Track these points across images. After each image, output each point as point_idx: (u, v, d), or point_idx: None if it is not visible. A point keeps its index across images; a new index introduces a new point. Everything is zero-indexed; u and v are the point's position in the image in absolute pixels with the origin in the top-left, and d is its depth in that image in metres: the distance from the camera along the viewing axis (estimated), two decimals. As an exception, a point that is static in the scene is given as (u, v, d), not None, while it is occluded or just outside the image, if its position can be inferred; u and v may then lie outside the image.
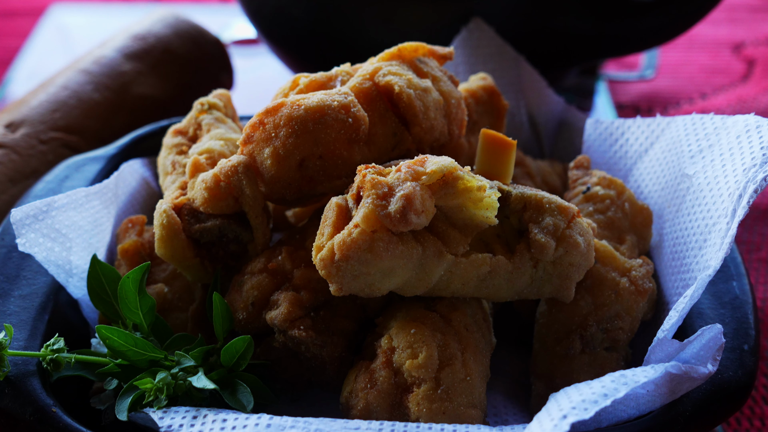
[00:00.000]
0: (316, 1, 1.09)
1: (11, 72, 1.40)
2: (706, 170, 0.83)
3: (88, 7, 1.56)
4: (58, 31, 1.50)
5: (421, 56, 0.88)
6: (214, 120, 0.91)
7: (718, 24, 1.55)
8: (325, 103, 0.80)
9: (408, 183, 0.74)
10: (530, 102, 1.05)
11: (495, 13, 1.06)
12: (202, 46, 1.21)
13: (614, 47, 1.12)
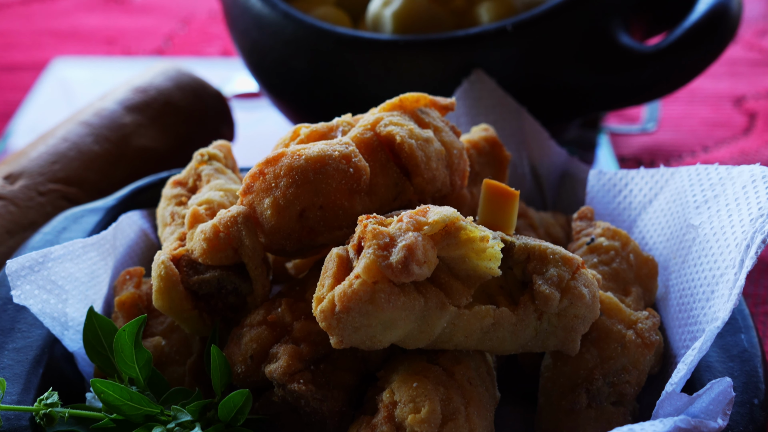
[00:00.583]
0: (316, 53, 1.09)
1: (12, 125, 1.40)
2: (712, 221, 0.82)
3: (90, 61, 1.57)
4: (59, 85, 1.51)
5: (423, 107, 0.87)
6: (213, 171, 0.90)
7: (719, 78, 1.55)
8: (326, 153, 0.79)
9: (410, 233, 0.72)
10: (532, 153, 1.04)
11: (496, 65, 1.06)
12: (204, 99, 1.21)
13: (615, 99, 1.11)
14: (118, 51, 1.63)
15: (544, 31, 1.06)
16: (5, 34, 1.66)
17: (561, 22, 1.07)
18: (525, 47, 1.06)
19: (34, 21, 1.69)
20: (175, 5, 1.75)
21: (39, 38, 1.65)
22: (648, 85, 1.09)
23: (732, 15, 1.07)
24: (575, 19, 1.07)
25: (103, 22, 1.70)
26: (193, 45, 1.65)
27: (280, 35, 1.11)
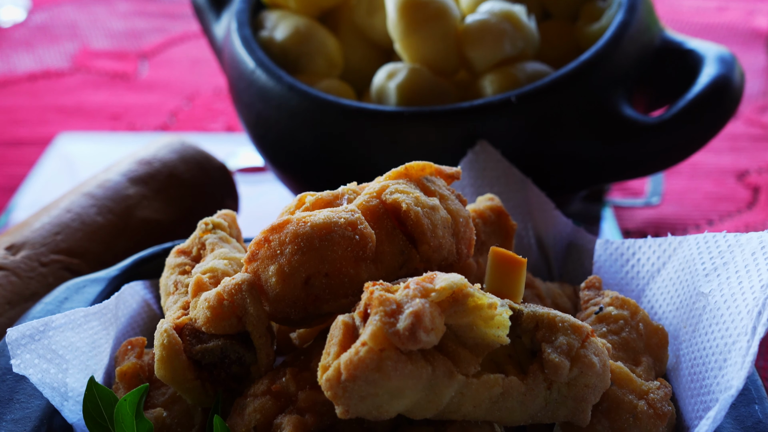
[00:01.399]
0: (322, 125, 1.10)
1: (15, 200, 1.40)
2: (722, 288, 0.81)
3: (95, 137, 1.57)
4: (64, 160, 1.51)
5: (429, 175, 0.87)
6: (218, 240, 0.90)
7: (721, 153, 1.56)
8: (332, 220, 0.78)
9: (417, 300, 0.71)
10: (538, 224, 1.03)
11: (501, 136, 1.06)
12: (208, 172, 1.21)
13: (619, 171, 1.11)
14: (123, 126, 1.64)
15: (548, 103, 1.07)
16: (12, 110, 1.67)
17: (564, 93, 1.07)
18: (529, 118, 1.06)
19: (41, 97, 1.71)
20: (180, 82, 1.77)
21: (45, 114, 1.66)
22: (652, 156, 1.09)
23: (734, 87, 1.07)
24: (578, 91, 1.08)
25: (109, 98, 1.72)
26: (197, 121, 1.66)
27: (285, 107, 1.11)
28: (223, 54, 1.26)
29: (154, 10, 2.07)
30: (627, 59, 1.11)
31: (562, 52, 1.17)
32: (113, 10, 2.06)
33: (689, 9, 2.05)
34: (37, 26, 1.99)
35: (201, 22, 1.34)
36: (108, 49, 1.90)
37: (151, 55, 1.87)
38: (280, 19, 1.19)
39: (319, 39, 1.17)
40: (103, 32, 1.96)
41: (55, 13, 2.04)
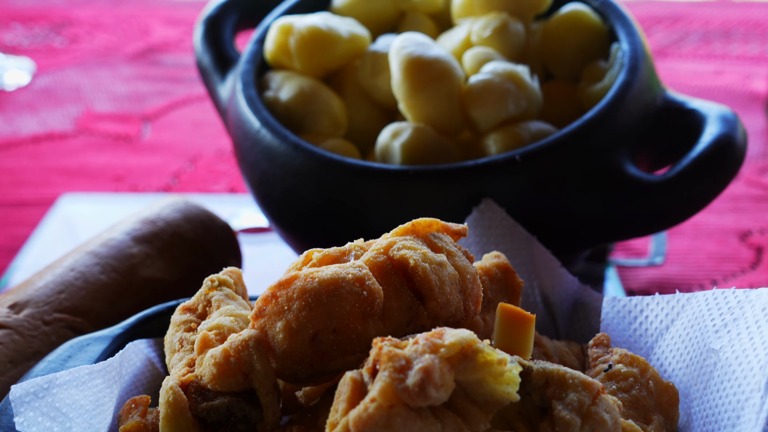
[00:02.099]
0: (326, 183, 1.10)
1: (17, 261, 1.40)
2: (733, 344, 0.80)
3: (97, 198, 1.58)
4: (66, 221, 1.51)
5: (435, 232, 0.87)
6: (224, 296, 0.89)
7: (723, 213, 1.56)
8: (340, 276, 0.78)
9: (426, 355, 0.71)
10: (544, 282, 1.03)
11: (505, 195, 1.06)
12: (212, 231, 1.21)
13: (623, 229, 1.11)
14: (126, 188, 1.64)
15: (552, 161, 1.07)
16: (15, 171, 1.67)
17: (568, 152, 1.08)
18: (533, 177, 1.07)
19: (44, 159, 1.72)
20: (183, 145, 1.78)
21: (48, 176, 1.67)
22: (657, 214, 1.09)
23: (738, 145, 1.08)
24: (582, 149, 1.08)
25: (112, 160, 1.72)
26: (199, 182, 1.66)
27: (290, 166, 1.12)
28: (227, 115, 1.27)
29: (158, 74, 2.09)
30: (630, 118, 1.12)
31: (565, 112, 1.18)
32: (117, 73, 2.08)
33: (687, 72, 2.08)
34: (41, 89, 2.01)
35: (206, 83, 1.35)
36: (111, 112, 1.91)
37: (154, 118, 1.88)
38: (284, 79, 1.21)
39: (323, 99, 1.18)
40: (106, 95, 1.97)
41: (58, 77, 2.06)
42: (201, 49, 1.34)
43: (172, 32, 2.30)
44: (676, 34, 2.30)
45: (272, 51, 1.23)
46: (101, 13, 2.40)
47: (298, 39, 1.19)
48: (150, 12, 2.41)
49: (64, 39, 2.26)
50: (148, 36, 2.27)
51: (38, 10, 2.42)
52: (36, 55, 2.16)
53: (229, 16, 1.37)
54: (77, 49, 2.20)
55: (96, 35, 2.29)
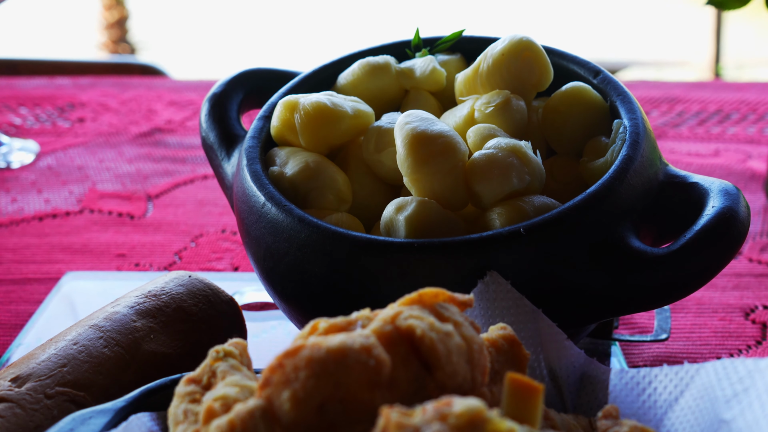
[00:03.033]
0: (331, 257, 1.10)
1: (19, 337, 1.39)
2: (745, 414, 0.79)
3: (100, 276, 1.58)
4: (69, 298, 1.51)
5: (442, 302, 0.87)
6: (229, 367, 0.89)
7: (727, 290, 1.56)
8: (347, 345, 0.78)
9: (435, 423, 0.70)
10: (550, 355, 1.03)
11: (510, 267, 1.06)
12: (216, 305, 1.21)
13: (628, 303, 1.11)
14: (129, 266, 1.64)
15: (556, 235, 1.08)
16: (19, 249, 1.68)
17: (572, 226, 1.08)
18: (538, 250, 1.07)
19: (48, 237, 1.72)
20: (187, 222, 1.79)
21: (51, 254, 1.67)
22: (662, 287, 1.09)
23: (740, 218, 1.09)
24: (586, 223, 1.09)
25: (115, 238, 1.73)
26: (203, 260, 1.67)
27: (294, 240, 1.12)
28: (232, 190, 1.28)
29: (162, 154, 2.11)
30: (632, 193, 1.13)
31: (568, 187, 1.19)
32: (121, 153, 2.10)
33: (686, 152, 2.10)
34: (45, 168, 2.02)
35: (211, 160, 1.37)
36: (115, 191, 1.92)
37: (157, 196, 1.89)
38: (289, 155, 1.22)
39: (328, 174, 1.19)
40: (110, 175, 1.99)
41: (63, 156, 2.09)
42: (206, 126, 1.36)
43: (177, 114, 2.33)
44: (674, 115, 2.33)
45: (277, 127, 1.24)
46: (107, 95, 2.44)
47: (303, 115, 1.21)
48: (156, 94, 2.45)
49: (70, 121, 2.29)
50: (153, 117, 2.30)
51: (45, 93, 2.46)
52: (41, 136, 2.19)
53: (235, 93, 1.39)
54: (82, 130, 2.22)
55: (101, 117, 2.32)
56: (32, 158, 2.05)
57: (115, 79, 2.60)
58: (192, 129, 2.25)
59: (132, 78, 2.69)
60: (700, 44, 10.37)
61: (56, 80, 2.55)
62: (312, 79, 1.35)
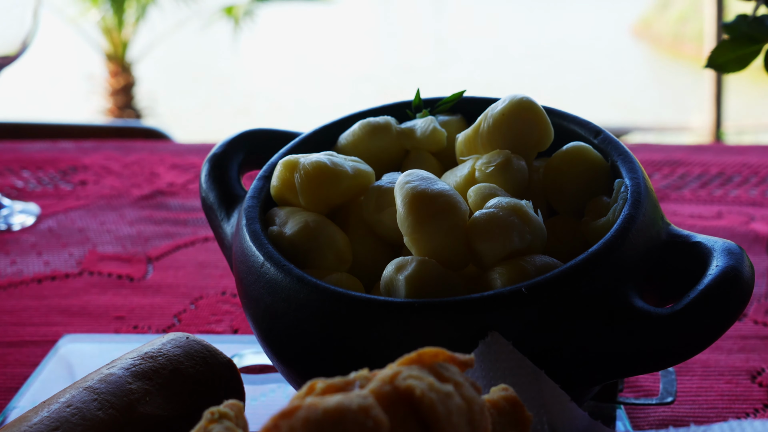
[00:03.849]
0: (330, 317, 1.09)
1: (14, 401, 1.37)
2: (753, 476, 0.77)
3: (98, 338, 1.56)
4: (66, 361, 1.49)
5: (442, 362, 0.85)
6: (224, 429, 0.87)
7: (732, 353, 1.54)
8: (344, 406, 0.76)
9: (434, 486, 0.68)
10: (553, 417, 1.00)
11: (512, 328, 1.05)
12: (213, 368, 1.19)
13: (633, 364, 1.09)
14: (127, 328, 1.63)
15: (559, 295, 1.07)
16: (17, 311, 1.67)
17: (575, 285, 1.07)
18: (540, 310, 1.06)
19: (46, 299, 1.71)
20: (187, 285, 1.77)
21: (49, 316, 1.66)
22: (666, 348, 1.07)
23: (745, 277, 1.07)
24: (588, 282, 1.08)
25: (114, 300, 1.72)
26: (202, 322, 1.65)
27: (293, 300, 1.11)
28: (231, 251, 1.27)
29: (163, 216, 2.11)
30: (635, 252, 1.12)
31: (570, 247, 1.18)
32: (122, 216, 2.10)
33: (690, 214, 2.09)
34: (46, 231, 2.02)
35: (211, 221, 1.36)
36: (115, 253, 1.92)
37: (158, 259, 1.88)
38: (289, 214, 1.21)
39: (328, 234, 1.18)
40: (111, 237, 1.99)
41: (64, 218, 2.08)
42: (206, 186, 1.36)
43: (180, 177, 2.33)
44: (676, 178, 2.33)
45: (277, 186, 1.24)
46: (110, 159, 2.45)
47: (302, 174, 1.20)
48: (158, 158, 2.46)
49: (72, 183, 2.29)
50: (155, 180, 2.31)
51: (48, 156, 2.47)
52: (43, 199, 2.19)
53: (235, 154, 1.39)
54: (84, 193, 2.23)
55: (103, 180, 2.32)
56: (33, 220, 2.05)
57: (119, 142, 2.62)
58: (194, 192, 2.25)
59: (135, 142, 2.70)
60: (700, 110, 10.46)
61: (59, 143, 2.57)
62: (312, 140, 1.35)
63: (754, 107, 12.98)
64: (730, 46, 1.70)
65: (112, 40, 9.38)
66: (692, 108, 12.19)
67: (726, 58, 1.71)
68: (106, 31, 9.37)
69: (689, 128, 10.89)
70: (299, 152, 1.31)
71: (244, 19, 9.16)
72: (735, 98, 12.58)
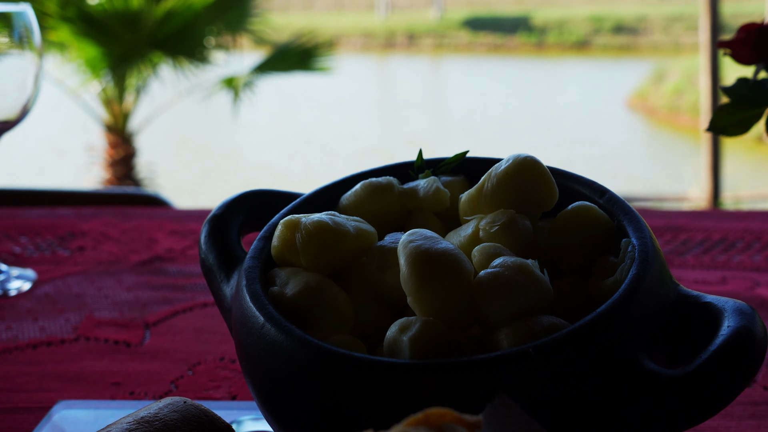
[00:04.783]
0: (332, 379, 1.06)
1: (5, 469, 1.33)
2: None
3: (93, 404, 1.52)
4: (60, 428, 1.45)
5: (449, 422, 0.83)
6: (223, 494, 0.84)
7: (744, 419, 1.51)
8: (349, 467, 0.73)
9: None
10: (563, 482, 0.97)
11: (520, 390, 1.02)
12: (211, 433, 1.16)
13: (643, 427, 1.06)
14: (124, 394, 1.59)
15: (567, 356, 1.04)
16: (11, 377, 1.63)
17: (583, 346, 1.05)
18: (547, 371, 1.03)
19: (42, 365, 1.68)
20: (185, 351, 1.75)
21: (44, 382, 1.62)
22: (677, 410, 1.04)
23: (757, 338, 1.05)
24: (597, 343, 1.05)
25: (111, 366, 1.69)
26: (200, 389, 1.62)
27: (294, 362, 1.08)
28: (231, 313, 1.25)
29: (161, 282, 2.09)
30: (644, 312, 1.10)
31: (577, 308, 1.16)
32: (120, 281, 2.08)
33: (694, 280, 2.07)
34: (42, 296, 2.00)
35: (210, 282, 1.34)
36: (112, 318, 1.89)
37: (155, 324, 1.86)
38: (290, 275, 1.19)
39: (330, 295, 1.16)
40: (108, 302, 1.96)
41: (61, 284, 2.06)
42: (206, 247, 1.34)
43: (178, 242, 2.31)
44: (678, 243, 2.32)
45: (278, 247, 1.22)
46: (108, 225, 2.44)
47: (304, 234, 1.19)
48: (157, 224, 2.45)
49: (70, 249, 2.27)
50: (153, 246, 2.29)
51: (46, 222, 2.46)
52: (40, 265, 2.17)
53: (236, 215, 1.38)
54: (82, 259, 2.21)
55: (102, 246, 2.30)
56: (29, 286, 2.03)
57: (118, 209, 2.60)
58: (193, 257, 2.23)
59: (134, 208, 2.69)
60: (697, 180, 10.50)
61: (58, 210, 2.56)
62: (314, 201, 1.34)
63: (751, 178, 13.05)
64: (732, 110, 1.70)
65: (112, 112, 9.45)
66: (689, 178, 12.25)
67: (727, 121, 1.70)
68: (106, 103, 9.46)
69: (687, 198, 10.93)
70: (300, 213, 1.30)
71: (244, 91, 9.26)
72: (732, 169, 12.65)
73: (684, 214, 2.53)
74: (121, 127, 9.43)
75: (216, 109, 13.09)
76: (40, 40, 2.05)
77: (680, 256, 2.24)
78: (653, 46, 30.28)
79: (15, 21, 1.97)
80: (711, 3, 8.96)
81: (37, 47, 2.03)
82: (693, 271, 2.15)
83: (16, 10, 1.96)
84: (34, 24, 2.02)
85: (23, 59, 2.03)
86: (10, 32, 1.98)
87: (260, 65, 9.35)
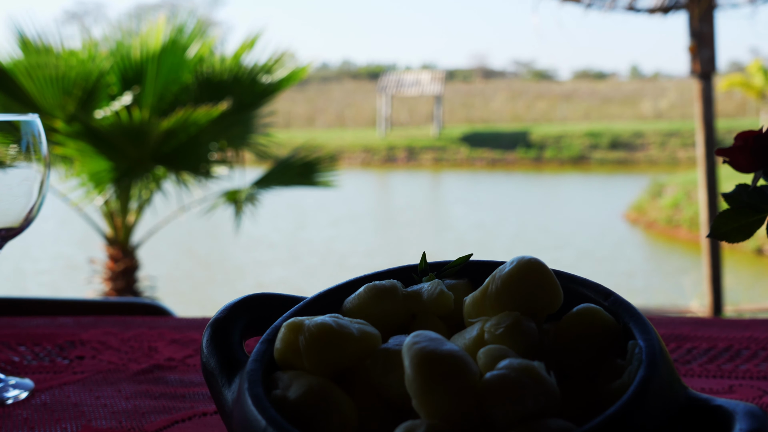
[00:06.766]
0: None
1: None
2: None
3: None
4: None
5: None
6: None
7: None
8: None
9: None
10: None
11: (528, 495, 0.99)
12: None
13: None
14: (119, 506, 1.55)
15: (576, 460, 1.02)
16: (3, 487, 1.59)
17: (592, 450, 1.02)
18: (557, 476, 1.00)
19: (36, 475, 1.63)
20: (183, 460, 1.70)
21: (38, 492, 1.57)
22: None
23: (769, 440, 1.03)
24: (606, 447, 1.03)
25: (107, 476, 1.64)
26: (198, 500, 1.57)
27: (296, 465, 1.06)
28: (232, 417, 1.23)
29: (161, 391, 2.06)
30: (653, 415, 1.08)
31: (584, 411, 1.14)
32: (119, 390, 2.05)
33: (700, 388, 2.04)
34: (40, 405, 1.96)
35: (211, 386, 1.32)
36: (110, 427, 1.85)
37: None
38: (293, 378, 1.18)
39: (333, 398, 1.15)
40: (106, 411, 1.93)
41: (59, 393, 2.03)
42: (207, 351, 1.32)
43: (179, 351, 2.29)
44: (683, 352, 2.29)
45: (280, 349, 1.21)
46: (108, 334, 2.41)
47: (307, 336, 1.18)
48: (157, 333, 2.42)
49: (69, 359, 2.25)
50: (153, 355, 2.26)
51: (46, 331, 2.43)
52: (38, 373, 2.14)
53: (238, 319, 1.36)
54: (81, 368, 2.18)
55: (101, 355, 2.28)
56: (26, 395, 1.99)
57: (118, 318, 2.59)
58: (193, 366, 2.20)
59: (135, 317, 2.67)
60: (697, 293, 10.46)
61: (58, 319, 2.54)
62: (317, 304, 1.33)
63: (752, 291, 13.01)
64: (733, 216, 1.71)
65: (114, 225, 9.50)
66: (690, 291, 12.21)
67: (729, 227, 1.71)
68: (109, 216, 9.52)
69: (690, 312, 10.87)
70: (304, 315, 1.29)
71: (247, 204, 9.33)
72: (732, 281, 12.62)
73: (687, 322, 2.51)
74: (123, 241, 9.47)
75: (220, 223, 13.17)
76: (47, 150, 2.08)
77: (686, 365, 2.21)
78: (650, 161, 30.68)
79: (23, 130, 2.00)
80: (706, 119, 9.12)
81: (44, 156, 2.05)
82: (699, 379, 2.12)
83: (24, 119, 1.99)
84: (41, 133, 2.04)
85: (30, 168, 2.05)
86: (18, 141, 2.00)
87: (262, 179, 9.45)
